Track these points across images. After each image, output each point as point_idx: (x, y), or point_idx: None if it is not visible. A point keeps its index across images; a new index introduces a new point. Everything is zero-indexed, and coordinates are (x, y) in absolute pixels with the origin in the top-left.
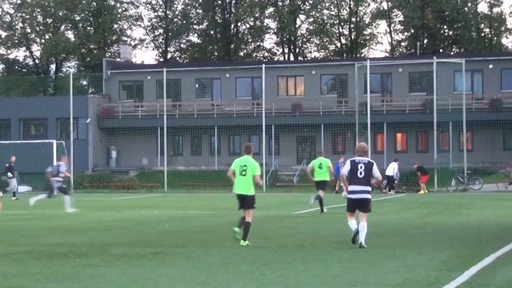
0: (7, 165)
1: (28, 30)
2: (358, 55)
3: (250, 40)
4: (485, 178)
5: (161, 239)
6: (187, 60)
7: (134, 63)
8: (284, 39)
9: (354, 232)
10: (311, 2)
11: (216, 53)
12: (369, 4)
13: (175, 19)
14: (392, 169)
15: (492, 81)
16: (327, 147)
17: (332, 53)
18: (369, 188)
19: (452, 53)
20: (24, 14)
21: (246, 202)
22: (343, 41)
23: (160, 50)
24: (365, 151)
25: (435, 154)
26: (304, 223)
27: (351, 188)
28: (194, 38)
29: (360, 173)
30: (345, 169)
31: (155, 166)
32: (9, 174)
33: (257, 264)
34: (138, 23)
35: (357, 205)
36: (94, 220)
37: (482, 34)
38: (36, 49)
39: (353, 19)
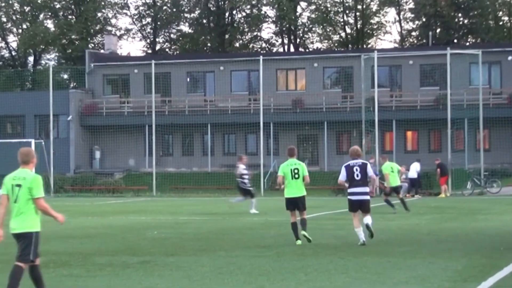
0: None
1: (4, 19)
2: (364, 46)
3: (246, 29)
4: (503, 181)
5: (149, 247)
6: (178, 52)
7: (119, 55)
8: (284, 28)
9: (361, 242)
10: None
11: (209, 44)
12: None
13: (164, 7)
14: (415, 170)
15: (511, 74)
16: (330, 146)
17: (336, 44)
18: (367, 189)
19: (467, 43)
20: None
21: (301, 203)
22: (348, 30)
23: (148, 40)
24: (358, 154)
25: (449, 154)
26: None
27: (351, 190)
28: (185, 28)
29: (357, 175)
30: (342, 176)
31: (143, 167)
32: None
33: (255, 274)
34: (124, 11)
35: (359, 206)
36: (76, 227)
37: (500, 23)
38: (13, 40)
39: (359, 7)
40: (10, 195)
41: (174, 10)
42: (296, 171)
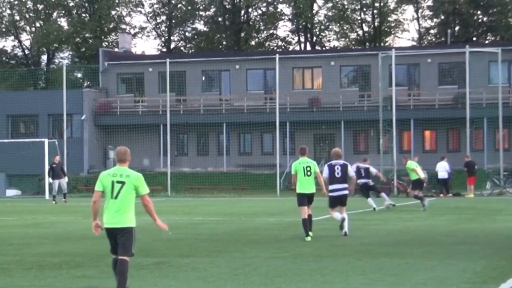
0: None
1: (17, 18)
2: (382, 44)
3: (262, 28)
4: None
5: (164, 248)
6: (193, 50)
7: (134, 54)
8: (300, 26)
9: (341, 220)
10: None
11: (224, 42)
12: None
13: (179, 5)
14: (445, 169)
15: None
16: (348, 145)
17: (353, 42)
18: (346, 185)
19: (486, 41)
20: (12, 0)
21: (311, 199)
22: (366, 28)
23: (163, 39)
24: (339, 155)
25: (468, 153)
26: (323, 230)
27: (332, 187)
28: (200, 26)
29: (338, 174)
30: (325, 173)
31: (157, 167)
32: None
33: (271, 276)
34: (139, 9)
35: (339, 201)
36: (89, 227)
37: None
38: (26, 39)
39: (377, 4)
40: (107, 191)
41: (189, 8)
42: (308, 169)
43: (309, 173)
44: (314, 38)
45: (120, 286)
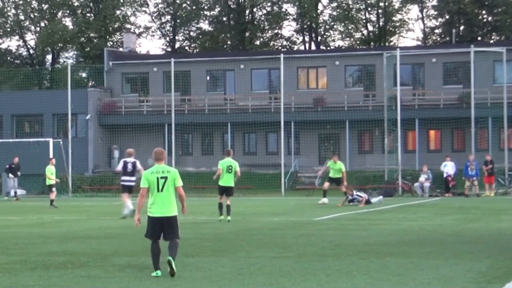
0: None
1: (22, 17)
2: (386, 44)
3: (267, 27)
4: None
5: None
6: (197, 50)
7: (138, 53)
8: (305, 26)
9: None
10: None
11: (229, 42)
12: None
13: (184, 5)
14: (452, 168)
15: None
16: (352, 145)
17: (358, 42)
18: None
19: (491, 41)
20: (17, 0)
21: (230, 191)
22: (370, 28)
23: (168, 38)
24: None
25: (473, 153)
26: (327, 230)
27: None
28: (205, 26)
29: (229, 171)
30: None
31: None
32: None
33: (275, 276)
34: (143, 9)
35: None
36: (94, 227)
37: None
38: (31, 38)
39: (381, 4)
40: (152, 186)
41: (194, 7)
42: (230, 167)
43: (230, 171)
44: (319, 38)
45: (171, 252)
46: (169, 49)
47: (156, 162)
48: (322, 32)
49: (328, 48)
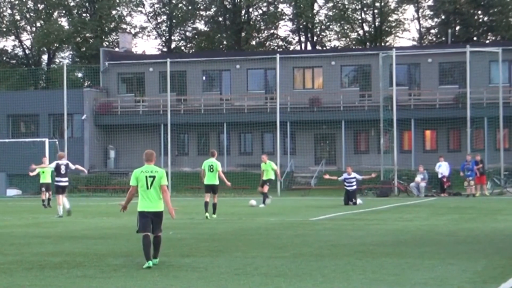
0: None
1: (18, 17)
2: (382, 44)
3: (262, 27)
4: None
5: (164, 248)
6: (193, 50)
7: (134, 54)
8: (301, 26)
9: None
10: None
11: (225, 42)
12: None
13: (180, 5)
14: (446, 169)
15: None
16: (348, 145)
17: (353, 42)
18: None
19: (487, 41)
20: (13, 0)
21: (215, 189)
22: (366, 28)
23: (164, 39)
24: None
25: (468, 153)
26: (323, 230)
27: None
28: (200, 26)
29: (210, 169)
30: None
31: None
32: None
33: (271, 276)
34: (139, 9)
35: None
36: (90, 227)
37: None
38: (26, 38)
39: (377, 4)
40: (140, 184)
41: (190, 7)
42: (211, 167)
43: (211, 170)
44: (315, 38)
45: (156, 253)
46: (165, 49)
47: (146, 162)
48: (318, 32)
49: (324, 48)
